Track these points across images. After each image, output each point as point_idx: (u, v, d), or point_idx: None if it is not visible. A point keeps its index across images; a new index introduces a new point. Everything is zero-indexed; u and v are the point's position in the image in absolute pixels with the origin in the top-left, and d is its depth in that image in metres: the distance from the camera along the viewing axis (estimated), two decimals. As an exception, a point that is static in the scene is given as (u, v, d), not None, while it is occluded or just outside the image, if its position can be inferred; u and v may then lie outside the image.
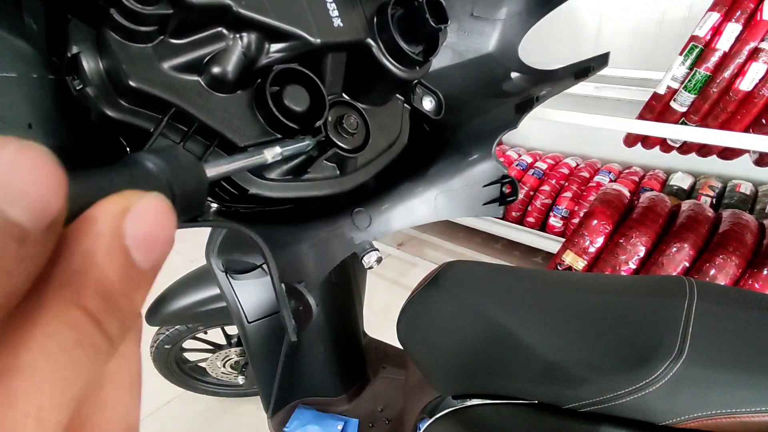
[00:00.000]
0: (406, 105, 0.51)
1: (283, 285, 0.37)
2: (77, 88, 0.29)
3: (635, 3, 1.89)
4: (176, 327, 1.04)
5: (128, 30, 0.28)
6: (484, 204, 0.54)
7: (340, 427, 0.85)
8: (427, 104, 0.53)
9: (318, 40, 0.36)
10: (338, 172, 0.43)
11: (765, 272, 1.12)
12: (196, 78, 0.33)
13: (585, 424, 0.44)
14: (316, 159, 0.40)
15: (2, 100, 0.27)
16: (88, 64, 0.28)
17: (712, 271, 1.15)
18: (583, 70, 0.53)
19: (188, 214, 0.17)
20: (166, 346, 1.07)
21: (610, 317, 0.48)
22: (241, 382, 1.18)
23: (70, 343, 0.10)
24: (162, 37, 0.30)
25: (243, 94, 0.35)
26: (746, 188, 1.70)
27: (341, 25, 0.38)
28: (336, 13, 0.38)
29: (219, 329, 1.12)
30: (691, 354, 0.41)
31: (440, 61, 0.58)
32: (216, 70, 0.33)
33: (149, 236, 0.12)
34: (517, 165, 2.10)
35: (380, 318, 1.38)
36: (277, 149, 0.34)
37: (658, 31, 1.87)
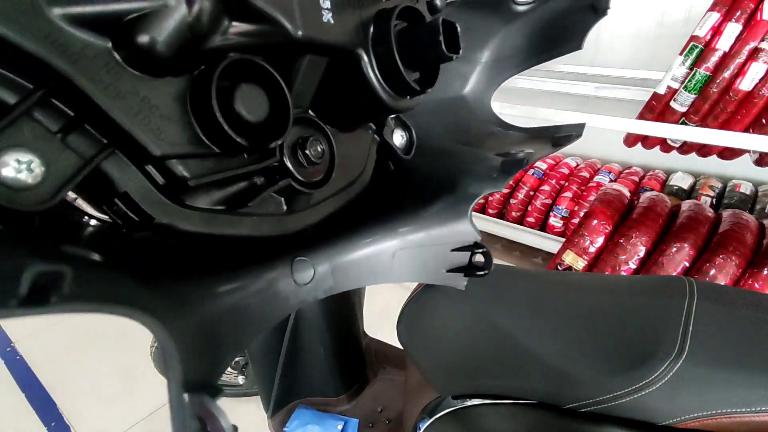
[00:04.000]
0: (375, 136, 0.42)
1: (186, 396, 0.23)
2: None
3: (635, 3, 1.89)
4: (176, 327, 1.04)
5: None
6: (448, 271, 0.46)
7: (340, 427, 0.85)
8: (398, 139, 0.44)
9: (300, 33, 0.27)
10: (285, 208, 0.33)
11: (765, 272, 1.12)
12: (103, 42, 0.21)
13: (585, 424, 0.44)
14: (263, 190, 0.31)
15: None
16: None
17: (712, 271, 1.15)
18: (563, 138, 0.50)
19: None
20: (166, 346, 1.07)
21: (610, 317, 0.48)
22: (241, 382, 1.18)
23: None
24: None
25: (175, 82, 0.24)
26: (746, 188, 1.70)
27: (332, 22, 0.29)
28: (328, 4, 0.29)
29: (219, 329, 1.12)
30: (691, 354, 0.41)
31: None
32: (141, 34, 0.21)
33: None
34: (517, 165, 2.10)
35: (380, 318, 1.38)
36: None
37: (658, 31, 1.87)
